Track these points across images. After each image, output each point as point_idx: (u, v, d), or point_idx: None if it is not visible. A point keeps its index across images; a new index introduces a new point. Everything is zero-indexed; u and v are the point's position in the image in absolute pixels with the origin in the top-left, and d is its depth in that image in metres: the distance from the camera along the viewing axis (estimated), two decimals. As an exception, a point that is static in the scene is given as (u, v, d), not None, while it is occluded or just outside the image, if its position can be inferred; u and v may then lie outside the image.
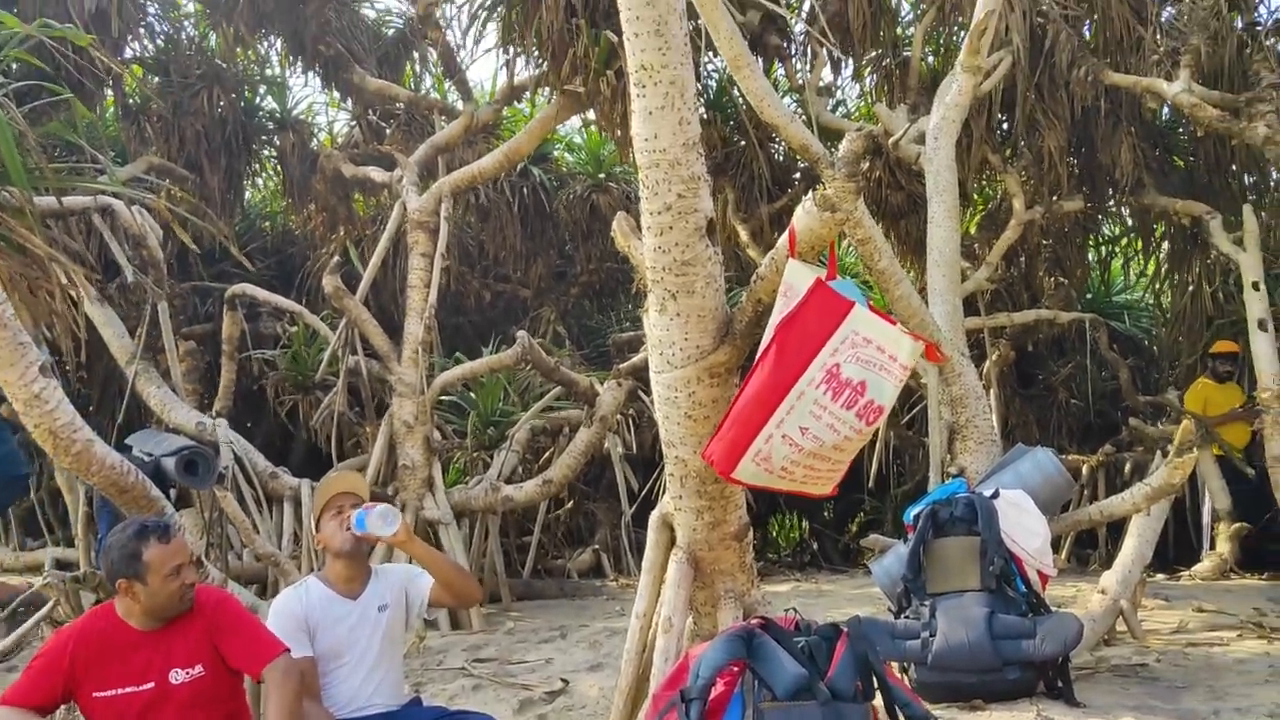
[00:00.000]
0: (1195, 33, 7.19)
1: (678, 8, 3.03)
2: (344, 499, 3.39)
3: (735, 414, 2.99)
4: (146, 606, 3.01)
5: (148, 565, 2.98)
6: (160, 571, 2.98)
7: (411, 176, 7.16)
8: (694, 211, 3.11)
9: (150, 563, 2.98)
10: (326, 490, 3.44)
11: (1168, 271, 9.07)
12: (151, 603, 3.01)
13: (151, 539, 3.00)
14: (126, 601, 3.03)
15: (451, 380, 7.23)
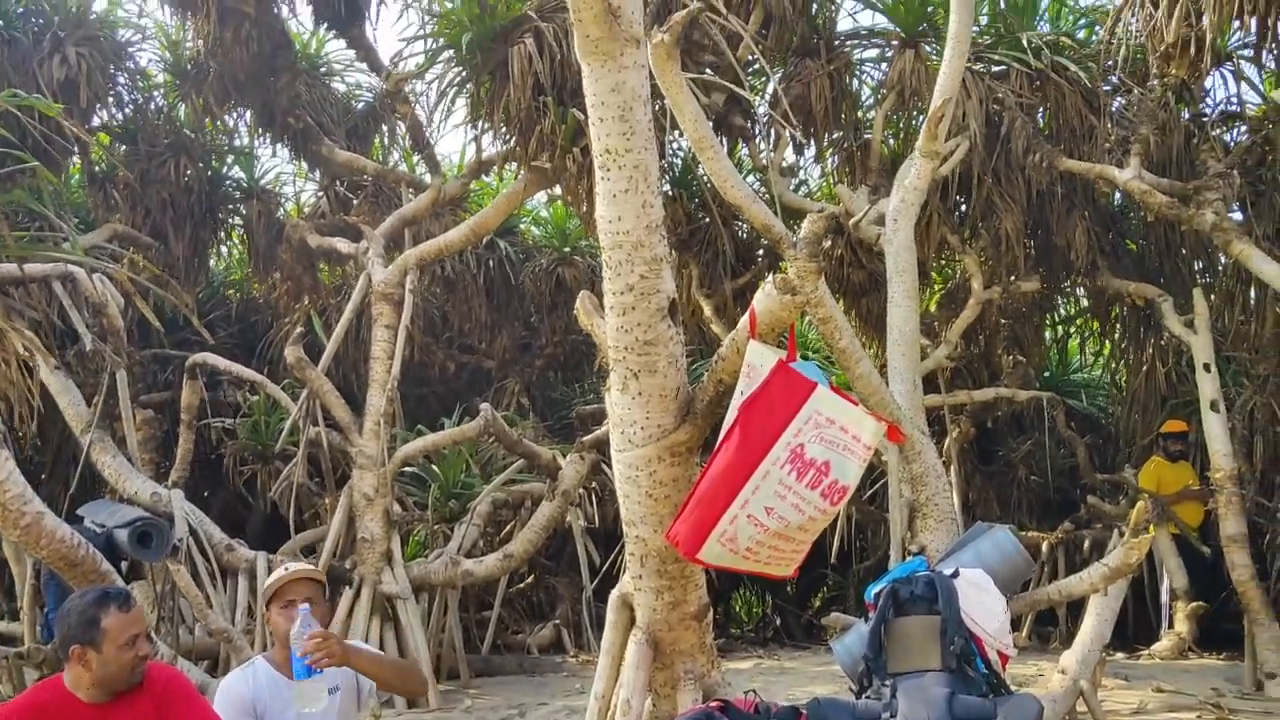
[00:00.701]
0: (1144, 123, 7.43)
1: (642, 95, 3.11)
2: (296, 590, 3.28)
3: (699, 495, 3.00)
4: (98, 677, 2.93)
5: (105, 632, 2.91)
6: (116, 640, 2.91)
7: (377, 248, 7.19)
8: (656, 292, 3.16)
9: (108, 630, 2.91)
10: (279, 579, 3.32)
11: (1123, 351, 9.23)
12: (103, 673, 2.93)
13: (112, 606, 2.94)
14: (77, 671, 2.95)
15: (413, 453, 7.19)
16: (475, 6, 6.81)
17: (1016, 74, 7.52)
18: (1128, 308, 8.76)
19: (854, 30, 8.33)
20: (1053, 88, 7.51)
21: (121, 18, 8.58)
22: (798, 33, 7.72)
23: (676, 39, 4.18)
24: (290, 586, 3.26)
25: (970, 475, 9.33)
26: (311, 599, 3.24)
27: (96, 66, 7.82)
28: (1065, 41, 7.69)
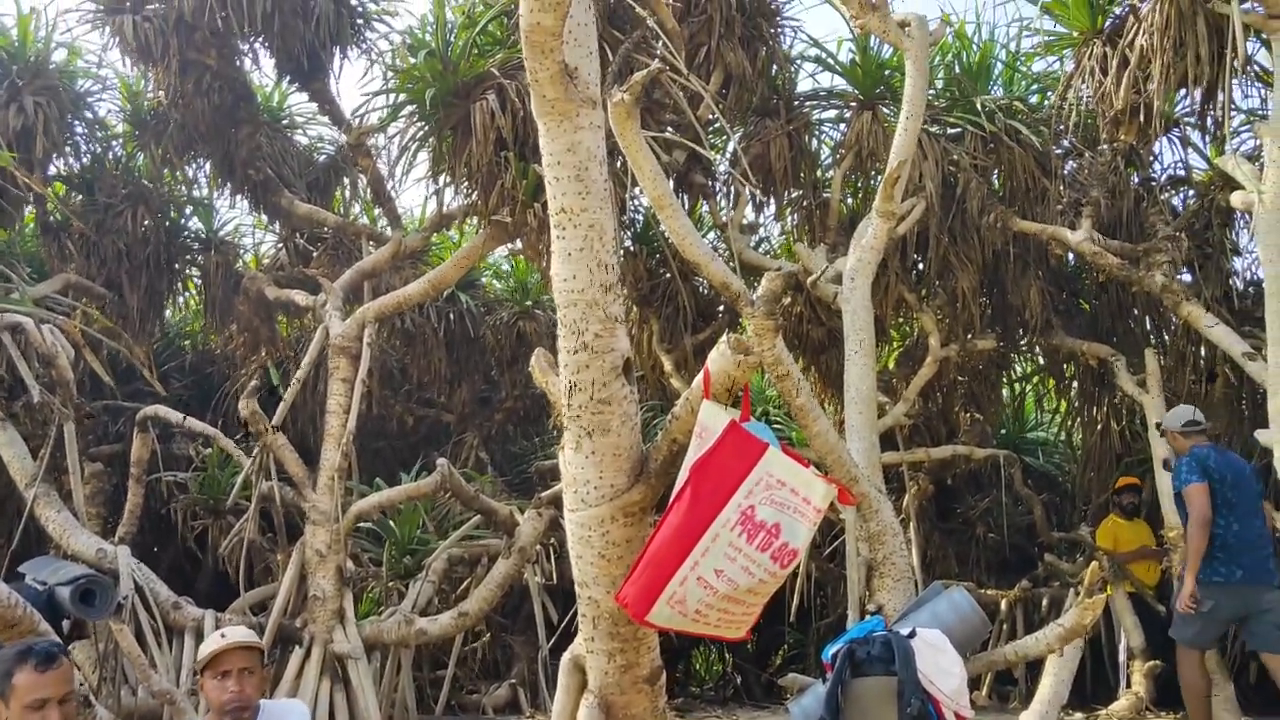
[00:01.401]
0: (1095, 186, 7.61)
1: (598, 155, 3.13)
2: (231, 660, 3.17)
3: (650, 556, 2.97)
4: None
5: (14, 688, 2.77)
6: (23, 699, 2.76)
7: (335, 301, 7.14)
8: (611, 351, 3.15)
9: (17, 687, 2.77)
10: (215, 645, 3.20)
11: (1078, 410, 9.34)
12: None
13: (30, 663, 2.80)
14: None
15: (368, 508, 7.09)
16: (438, 63, 6.85)
17: (971, 137, 7.68)
18: (1082, 367, 8.87)
19: (813, 91, 8.47)
20: (1006, 151, 7.66)
21: (82, 68, 8.55)
22: (757, 93, 7.84)
23: (637, 98, 4.22)
24: (226, 656, 3.16)
25: (929, 533, 9.34)
26: (248, 668, 3.15)
27: (54, 116, 7.77)
28: (1018, 106, 7.87)
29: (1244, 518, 5.86)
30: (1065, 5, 7.57)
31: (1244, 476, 5.96)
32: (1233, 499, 5.86)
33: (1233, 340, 6.62)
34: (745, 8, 7.63)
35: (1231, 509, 5.85)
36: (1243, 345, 6.51)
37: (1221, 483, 5.88)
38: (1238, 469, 5.98)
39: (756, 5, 7.78)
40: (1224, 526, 5.84)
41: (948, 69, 7.98)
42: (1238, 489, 5.89)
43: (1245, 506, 5.88)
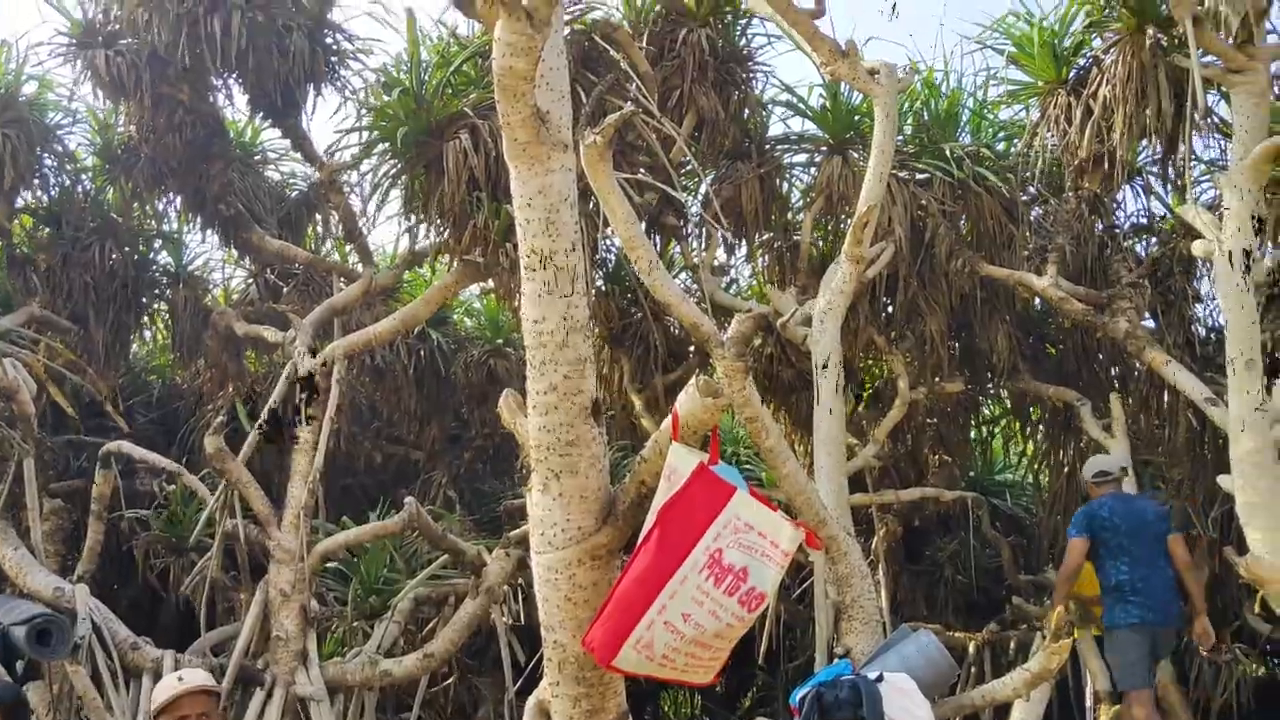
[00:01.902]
0: (1061, 233, 7.73)
1: (569, 198, 3.15)
2: (188, 705, 3.11)
3: (617, 599, 2.96)
4: None
5: None
6: None
7: (305, 338, 7.10)
8: (579, 393, 3.15)
9: None
10: (171, 690, 3.14)
11: (1044, 453, 9.41)
12: None
13: None
14: None
15: (333, 547, 7.01)
16: (412, 102, 6.88)
17: (939, 182, 7.78)
18: (1048, 410, 8.96)
19: (784, 135, 8.56)
20: (974, 197, 7.76)
21: (52, 100, 8.51)
22: (730, 136, 7.92)
23: (609, 141, 4.25)
24: (182, 701, 3.10)
25: (897, 574, 9.36)
26: (205, 713, 3.09)
27: (22, 149, 7.72)
28: (985, 153, 8.00)
29: (1144, 563, 6.24)
30: (1030, 56, 7.73)
31: (1144, 524, 6.34)
32: (1128, 545, 6.26)
33: (1195, 386, 6.71)
34: (718, 52, 7.73)
35: (1129, 555, 6.25)
36: (1205, 391, 6.60)
37: (1115, 532, 6.29)
38: (1136, 517, 6.34)
39: (729, 50, 7.88)
40: (1127, 572, 6.25)
41: (916, 116, 8.10)
42: (1134, 536, 6.27)
43: (1143, 552, 6.25)
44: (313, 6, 7.91)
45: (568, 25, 7.19)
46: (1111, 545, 6.30)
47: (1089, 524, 6.39)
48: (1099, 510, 6.44)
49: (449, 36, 7.25)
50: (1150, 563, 6.25)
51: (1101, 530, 6.35)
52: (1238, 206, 5.27)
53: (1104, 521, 6.35)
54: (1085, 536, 6.36)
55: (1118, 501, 6.50)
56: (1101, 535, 6.34)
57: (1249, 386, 5.26)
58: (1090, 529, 6.37)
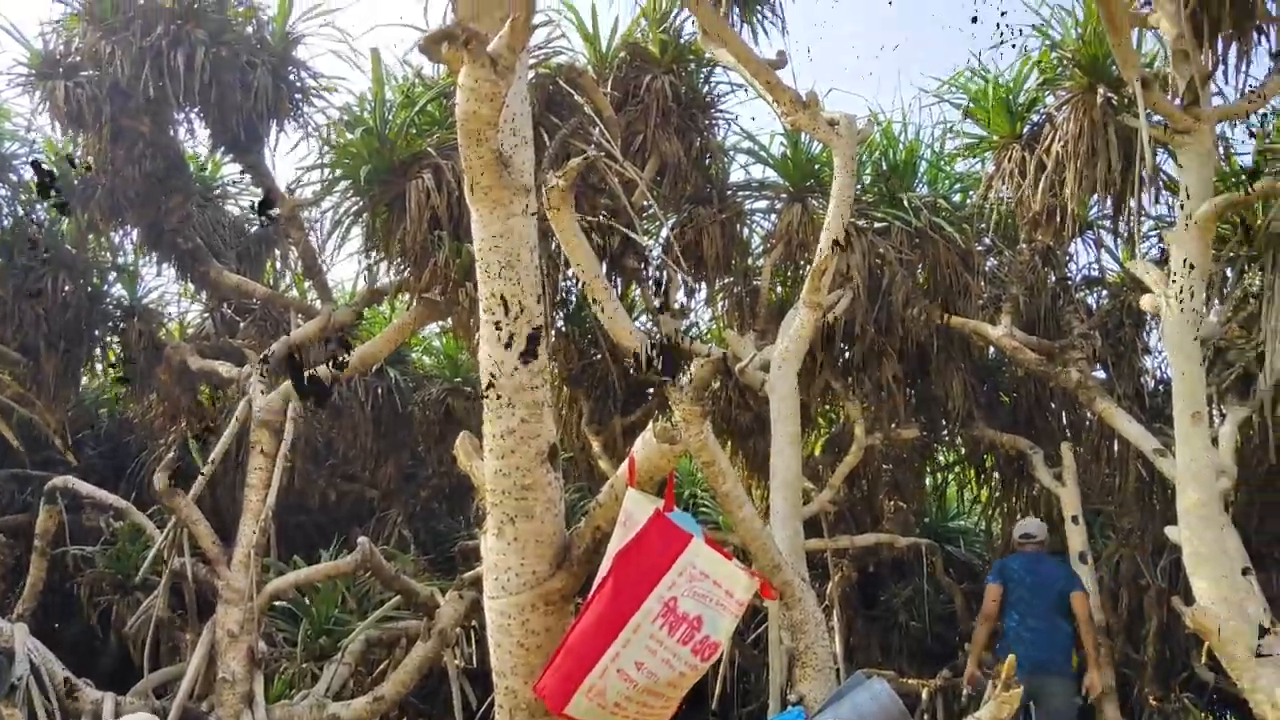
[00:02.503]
0: (1014, 283, 7.87)
1: (529, 242, 3.17)
2: None
3: (570, 646, 2.94)
4: None
5: None
6: None
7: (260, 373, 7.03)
8: (536, 436, 3.15)
9: None
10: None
11: (998, 500, 9.50)
12: None
13: None
14: None
15: (283, 587, 6.90)
16: (375, 140, 6.89)
17: (897, 232, 7.89)
18: (1002, 458, 9.06)
19: (745, 182, 8.66)
20: (931, 246, 7.88)
21: (8, 130, 8.42)
22: (691, 182, 8.00)
23: (572, 184, 4.30)
24: None
25: (852, 620, 9.36)
26: None
27: (-25, 177, 7.64)
28: (942, 204, 8.13)
29: (1036, 616, 6.80)
30: (986, 110, 7.90)
31: (1046, 583, 6.92)
32: (1028, 599, 6.84)
33: (1144, 437, 6.83)
34: (681, 99, 7.83)
35: (1024, 607, 6.84)
36: (1153, 442, 6.71)
37: (1019, 585, 6.91)
38: (1039, 577, 6.94)
39: (692, 97, 7.98)
40: (1016, 623, 6.85)
41: (875, 166, 8.23)
42: (1035, 591, 6.86)
43: (1034, 608, 6.82)
44: (277, 43, 7.92)
45: (532, 69, 7.26)
46: (1013, 597, 6.91)
47: (1001, 573, 7.10)
48: (1010, 563, 7.17)
49: (414, 76, 7.29)
50: (1044, 617, 6.81)
51: (1008, 581, 6.97)
52: (1184, 263, 5.39)
53: (1012, 573, 7.01)
54: (998, 584, 7.00)
55: (1028, 559, 7.13)
56: (1008, 586, 6.96)
57: (1195, 439, 5.36)
58: (1002, 577, 7.04)
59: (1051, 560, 7.25)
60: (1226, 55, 6.00)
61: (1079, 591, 6.91)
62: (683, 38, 8.02)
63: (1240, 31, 5.85)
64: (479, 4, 3.34)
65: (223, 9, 7.73)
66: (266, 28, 7.95)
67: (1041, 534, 7.30)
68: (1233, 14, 5.74)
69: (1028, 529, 7.33)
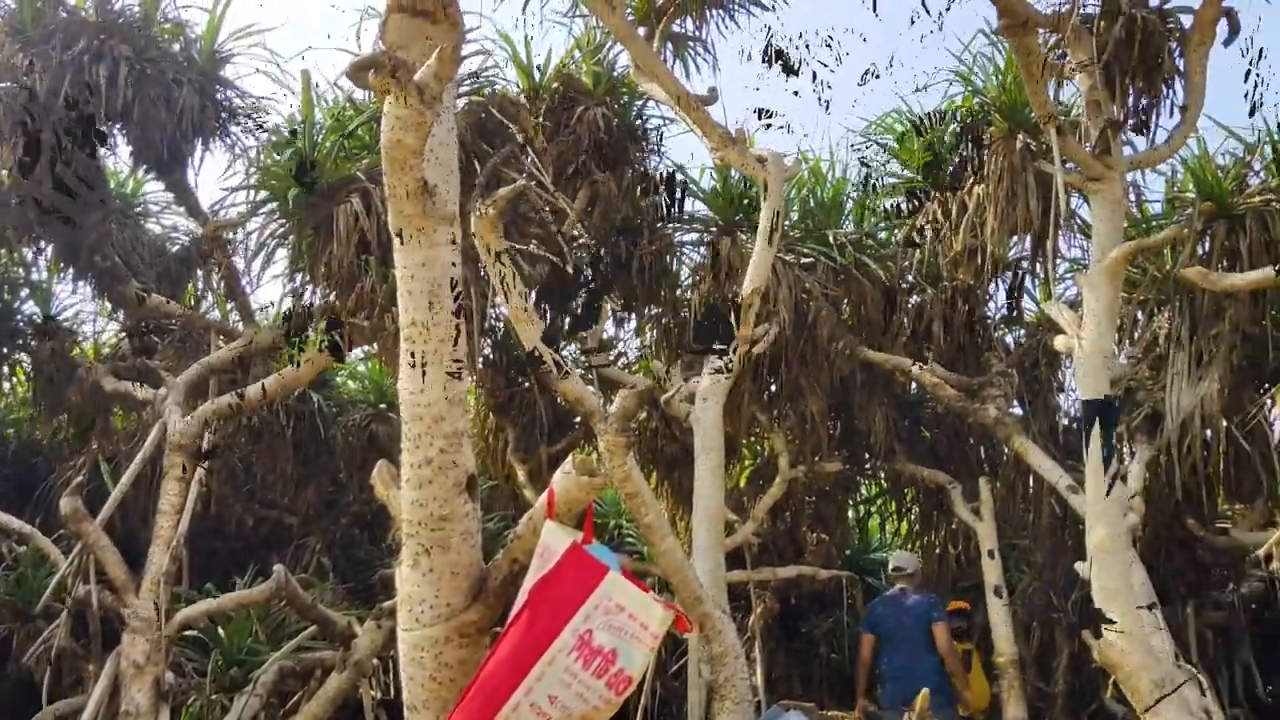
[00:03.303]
0: (936, 321, 8.03)
1: (452, 271, 3.15)
2: None
3: (483, 680, 2.91)
4: None
5: None
6: None
7: (177, 396, 6.87)
8: (455, 466, 3.13)
9: None
10: None
11: (917, 533, 9.65)
12: None
13: None
14: None
15: (194, 616, 6.71)
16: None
17: (823, 267, 8.03)
18: (922, 492, 9.21)
19: (676, 214, 8.73)
20: (855, 283, 8.04)
21: (-80, 141, 8.13)
22: (622, 213, 8.05)
23: (501, 212, 4.30)
24: None
25: (774, 652, 9.40)
26: None
27: (-118, 189, 7.36)
28: (867, 241, 8.30)
29: (903, 653, 7.10)
30: (911, 152, 8.09)
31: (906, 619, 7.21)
32: (894, 638, 7.19)
33: (1057, 474, 7.00)
34: (613, 131, 7.89)
35: (891, 645, 7.18)
36: (1066, 479, 6.88)
37: (884, 627, 7.26)
38: (899, 614, 7.26)
39: (624, 129, 8.05)
40: (886, 662, 7.17)
41: (803, 202, 8.38)
42: (898, 629, 7.20)
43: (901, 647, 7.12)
44: (204, 61, 7.81)
45: (465, 97, 7.27)
46: (881, 639, 7.27)
47: (869, 621, 7.47)
48: (873, 610, 7.55)
49: (345, 100, 7.24)
50: (910, 653, 7.08)
51: (875, 627, 7.33)
52: (1095, 305, 5.54)
53: (879, 619, 7.36)
54: (870, 632, 7.35)
55: (888, 601, 7.50)
56: (877, 631, 7.31)
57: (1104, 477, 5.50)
58: (870, 625, 7.40)
59: (915, 596, 7.45)
60: (1137, 106, 6.23)
61: (939, 623, 7.14)
62: (616, 70, 8.11)
63: (1149, 84, 6.09)
64: (407, 32, 3.34)
65: (149, 25, 7.60)
66: (194, 45, 7.83)
67: (912, 566, 7.58)
68: (1142, 67, 5.97)
69: (899, 562, 7.61)
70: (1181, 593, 7.89)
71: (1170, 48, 6.05)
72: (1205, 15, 5.67)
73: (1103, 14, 5.98)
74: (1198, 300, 7.02)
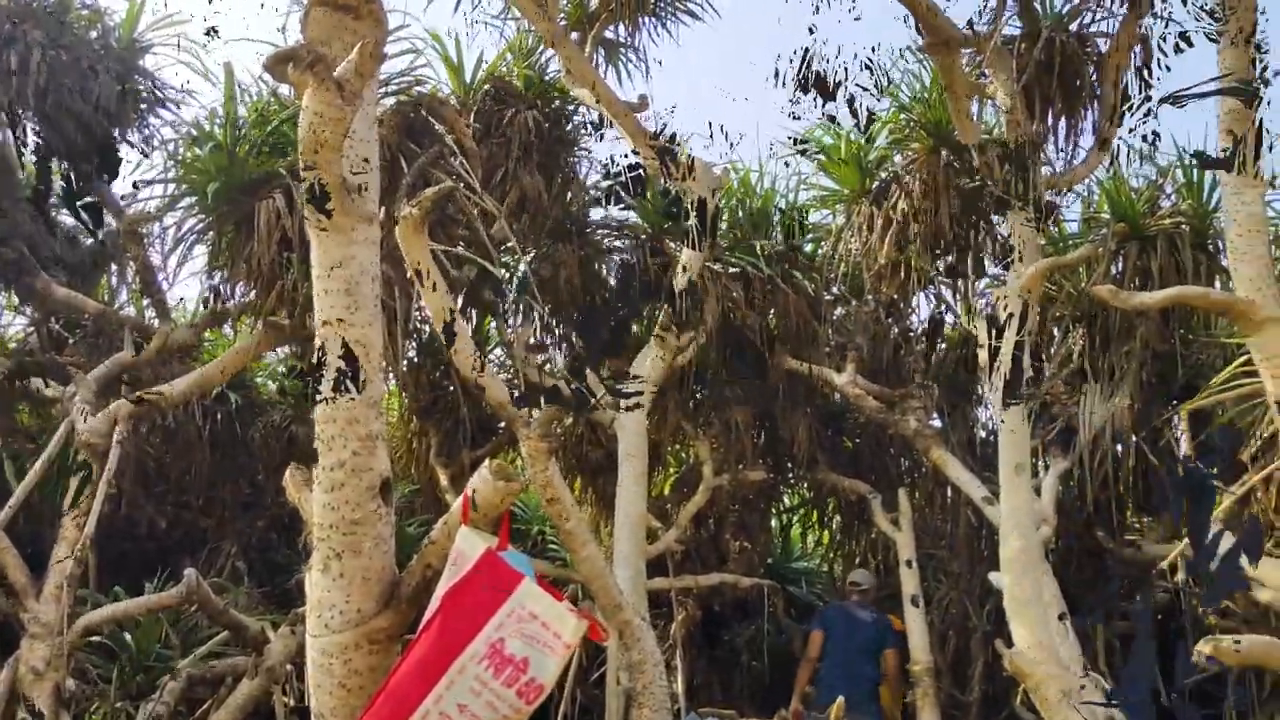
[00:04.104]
0: (860, 333, 8.14)
1: (370, 271, 3.11)
2: None
3: (391, 688, 2.86)
4: None
5: None
6: None
7: (86, 394, 6.66)
8: (368, 470, 3.08)
9: None
10: None
11: (839, 543, 9.75)
12: None
13: None
14: None
15: (98, 621, 6.51)
16: (224, 157, 6.66)
17: (750, 278, 8.08)
18: (843, 501, 9.30)
19: (605, 220, 8.73)
20: (782, 293, 8.09)
21: None
22: (551, 217, 8.01)
23: (426, 213, 4.24)
24: None
25: (695, 660, 9.41)
26: None
27: None
28: (795, 252, 8.36)
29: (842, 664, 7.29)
30: (839, 165, 8.19)
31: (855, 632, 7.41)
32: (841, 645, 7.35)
33: (974, 485, 7.13)
34: (544, 135, 7.85)
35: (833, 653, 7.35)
36: (983, 490, 7.01)
37: (833, 632, 7.44)
38: (847, 625, 7.46)
39: (555, 133, 8.02)
40: (825, 669, 7.35)
41: (731, 212, 8.42)
42: (847, 638, 7.37)
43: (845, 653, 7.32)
44: (123, 50, 7.59)
45: (394, 96, 7.18)
46: (829, 643, 7.42)
47: (822, 620, 7.64)
48: (829, 612, 7.77)
49: (269, 95, 7.09)
50: (852, 663, 7.28)
51: (827, 628, 7.50)
52: (1013, 321, 5.67)
53: (830, 621, 7.56)
54: (820, 630, 7.52)
55: (845, 609, 7.66)
56: (827, 631, 7.47)
57: (1019, 489, 5.61)
58: (822, 624, 7.57)
59: (868, 610, 7.63)
60: (1056, 127, 6.40)
61: (892, 649, 7.39)
62: (548, 75, 8.08)
63: (1068, 106, 6.25)
64: (329, 27, 3.28)
65: (65, 11, 7.37)
66: (112, 34, 7.62)
67: (868, 584, 7.77)
68: (1061, 90, 6.12)
69: (857, 578, 7.84)
70: (1090, 603, 8.08)
71: (1088, 71, 6.21)
72: (1121, 41, 5.84)
73: (1023, 36, 6.12)
74: (1111, 318, 7.22)
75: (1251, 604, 6.37)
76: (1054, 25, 6.20)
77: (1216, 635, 4.23)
